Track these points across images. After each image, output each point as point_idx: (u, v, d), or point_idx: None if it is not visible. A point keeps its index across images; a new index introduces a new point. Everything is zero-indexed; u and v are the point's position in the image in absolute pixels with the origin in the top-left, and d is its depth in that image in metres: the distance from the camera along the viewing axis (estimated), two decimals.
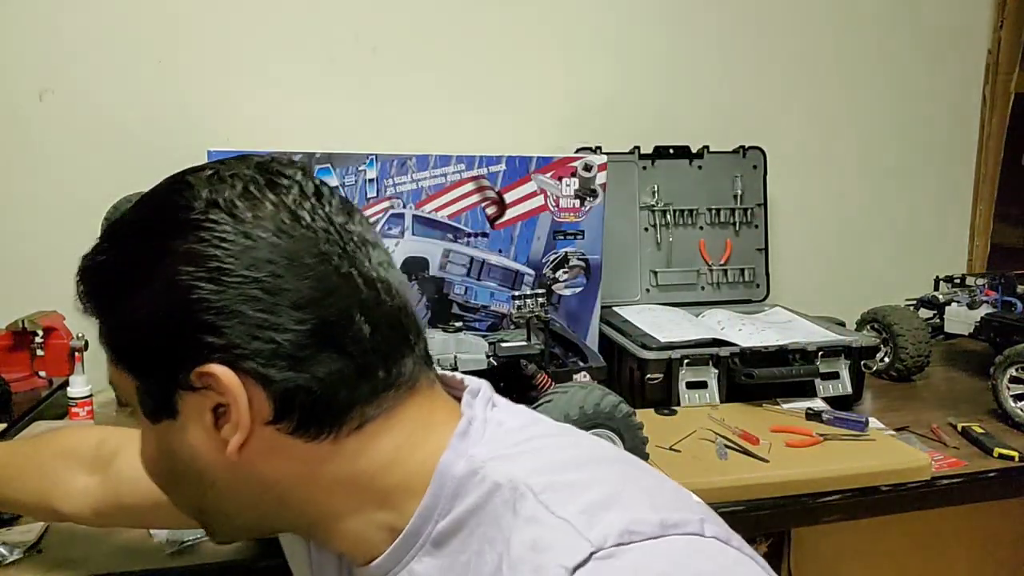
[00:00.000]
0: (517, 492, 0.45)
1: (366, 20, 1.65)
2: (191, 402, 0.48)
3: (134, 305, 0.48)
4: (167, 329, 0.47)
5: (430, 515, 0.49)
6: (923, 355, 1.55)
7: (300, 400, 0.47)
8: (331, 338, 0.47)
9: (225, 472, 0.49)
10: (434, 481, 0.49)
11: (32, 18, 1.50)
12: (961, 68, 2.07)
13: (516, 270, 1.54)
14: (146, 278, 0.47)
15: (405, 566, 0.50)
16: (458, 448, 0.49)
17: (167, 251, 0.47)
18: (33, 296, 1.48)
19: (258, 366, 0.46)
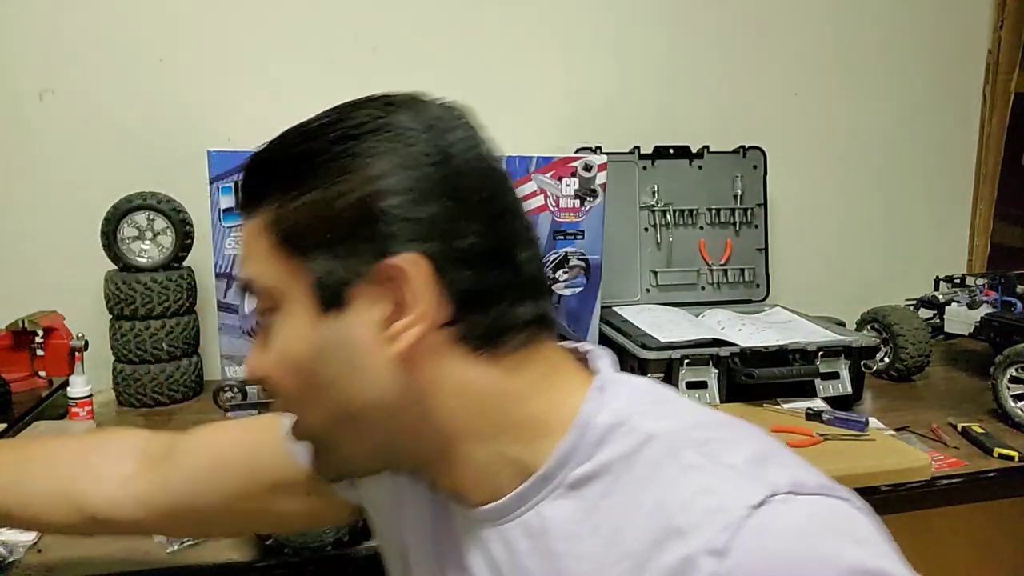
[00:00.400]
0: (675, 444, 0.47)
1: (366, 20, 1.65)
2: (367, 295, 0.48)
3: (333, 191, 0.48)
4: (368, 216, 0.47)
5: (567, 459, 0.49)
6: (923, 355, 1.55)
7: (474, 307, 0.49)
8: (504, 256, 0.50)
9: (382, 376, 0.49)
10: (575, 427, 0.50)
11: (32, 18, 1.50)
12: (961, 68, 2.07)
13: None
14: (349, 167, 0.48)
15: (533, 508, 0.50)
16: (599, 400, 0.51)
17: (367, 145, 0.49)
18: (33, 296, 1.48)
19: (445, 265, 0.47)
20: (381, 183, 0.47)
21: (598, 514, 0.48)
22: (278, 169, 0.51)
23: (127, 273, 1.41)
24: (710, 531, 0.42)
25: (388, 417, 0.50)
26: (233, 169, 1.40)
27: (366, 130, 0.49)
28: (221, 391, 1.15)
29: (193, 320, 1.48)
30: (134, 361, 1.41)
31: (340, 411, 0.50)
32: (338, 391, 0.50)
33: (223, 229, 1.41)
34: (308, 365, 0.49)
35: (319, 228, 0.48)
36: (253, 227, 0.51)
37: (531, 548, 0.50)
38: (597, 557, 0.47)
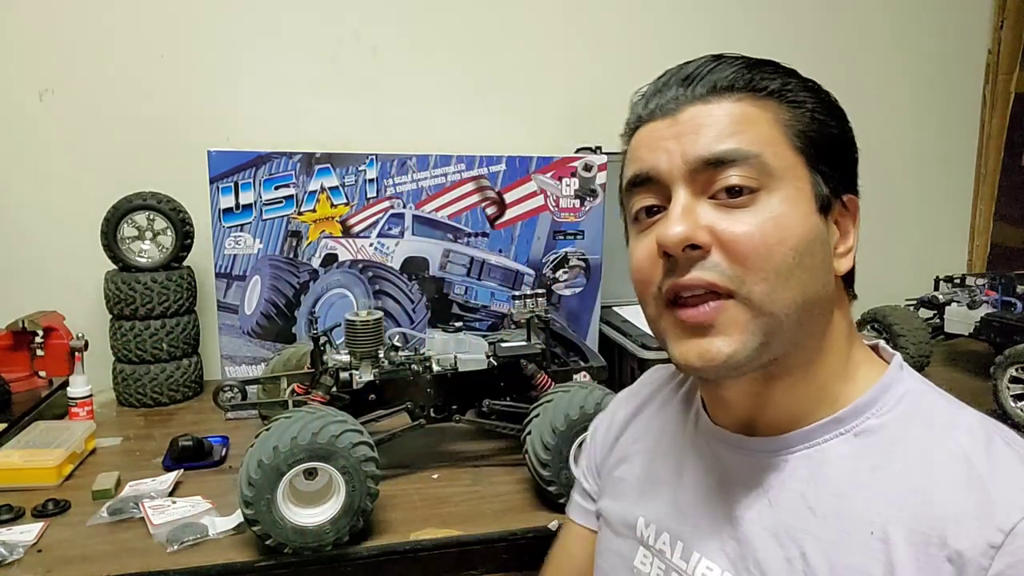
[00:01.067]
0: (972, 422, 0.54)
1: (366, 20, 1.65)
2: (836, 214, 0.57)
3: (833, 121, 0.59)
4: (851, 154, 0.60)
5: (866, 409, 0.56)
6: (923, 355, 1.55)
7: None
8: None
9: (829, 280, 0.57)
10: (879, 385, 0.57)
11: (32, 18, 1.50)
12: (961, 68, 2.07)
13: (516, 270, 1.54)
14: (836, 106, 0.61)
15: (816, 446, 0.56)
16: (899, 373, 0.58)
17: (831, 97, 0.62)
18: (33, 296, 1.49)
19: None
20: (850, 133, 0.60)
21: (887, 457, 0.53)
22: (781, 73, 0.59)
23: (127, 273, 1.41)
24: (1005, 509, 0.47)
25: (818, 317, 0.56)
26: (233, 169, 1.40)
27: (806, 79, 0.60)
28: (221, 391, 1.15)
29: (193, 320, 1.48)
30: (134, 361, 1.41)
31: (809, 296, 0.54)
32: (818, 279, 0.55)
33: (223, 229, 1.41)
34: (807, 245, 0.54)
35: (828, 145, 0.57)
36: (754, 110, 0.56)
37: (806, 477, 0.56)
38: (885, 489, 0.52)
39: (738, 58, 0.58)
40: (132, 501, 1.00)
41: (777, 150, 0.54)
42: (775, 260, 0.52)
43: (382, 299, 1.49)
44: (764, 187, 0.53)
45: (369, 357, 1.12)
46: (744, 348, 0.53)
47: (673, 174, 0.55)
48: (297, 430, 0.87)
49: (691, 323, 0.53)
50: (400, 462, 1.15)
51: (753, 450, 0.59)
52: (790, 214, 0.53)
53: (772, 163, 0.54)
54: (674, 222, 0.53)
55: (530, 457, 1.02)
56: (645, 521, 0.65)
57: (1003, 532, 0.46)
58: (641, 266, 0.57)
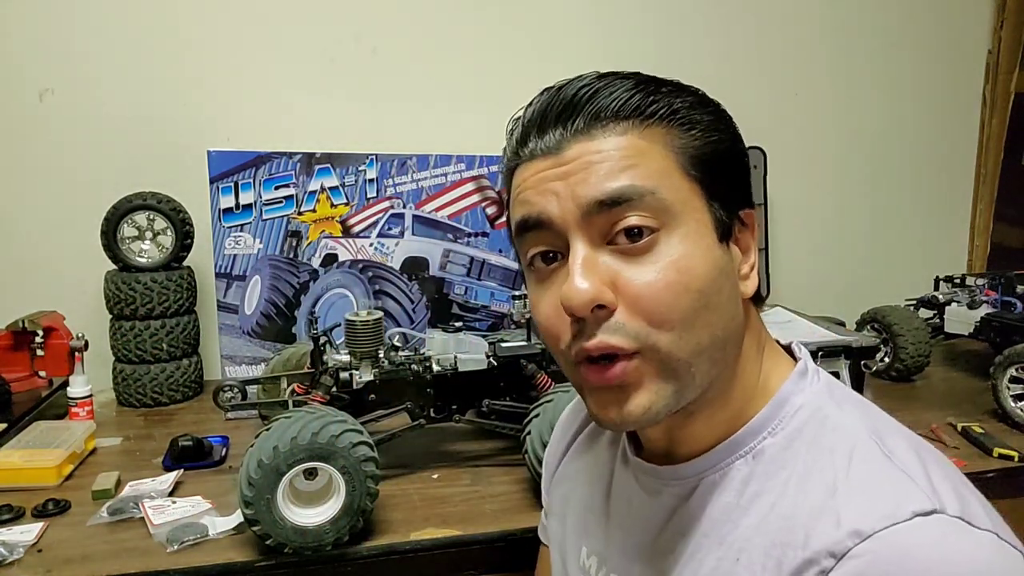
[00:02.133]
0: (860, 438, 0.51)
1: (366, 20, 1.65)
2: (736, 234, 0.55)
3: (727, 137, 0.55)
4: (744, 167, 0.56)
5: (761, 429, 0.54)
6: (923, 355, 1.55)
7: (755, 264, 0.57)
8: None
9: (738, 308, 0.54)
10: (774, 401, 0.54)
11: (32, 18, 1.50)
12: (961, 68, 2.07)
13: (516, 270, 1.53)
14: (728, 122, 0.56)
15: (721, 470, 0.55)
16: (799, 384, 0.55)
17: (725, 111, 0.57)
18: (33, 296, 1.49)
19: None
20: (741, 143, 0.56)
21: (771, 482, 0.52)
22: (677, 96, 0.54)
23: (127, 273, 1.41)
24: (869, 520, 0.44)
25: (732, 349, 0.54)
26: (233, 169, 1.40)
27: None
28: (221, 391, 1.15)
29: (193, 320, 1.48)
30: (134, 361, 1.41)
31: (721, 332, 0.52)
32: (726, 313, 0.52)
33: (223, 229, 1.41)
34: (712, 283, 0.51)
35: (722, 165, 0.53)
36: (642, 141, 0.51)
37: (714, 503, 0.54)
38: (760, 515, 0.51)
39: (621, 78, 0.54)
40: (132, 501, 0.99)
41: (672, 183, 0.51)
42: (680, 308, 0.49)
43: (382, 299, 1.49)
44: (664, 225, 0.50)
45: (369, 357, 1.12)
46: (660, 399, 0.51)
47: (567, 220, 0.51)
48: (297, 430, 0.87)
49: (601, 386, 0.52)
50: (400, 462, 1.15)
51: (667, 479, 0.58)
52: (692, 254, 0.50)
53: (669, 198, 0.50)
54: (577, 279, 0.49)
55: (530, 457, 1.02)
56: (587, 552, 0.66)
57: (854, 536, 0.44)
58: (549, 323, 0.53)
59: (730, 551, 0.51)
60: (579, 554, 0.67)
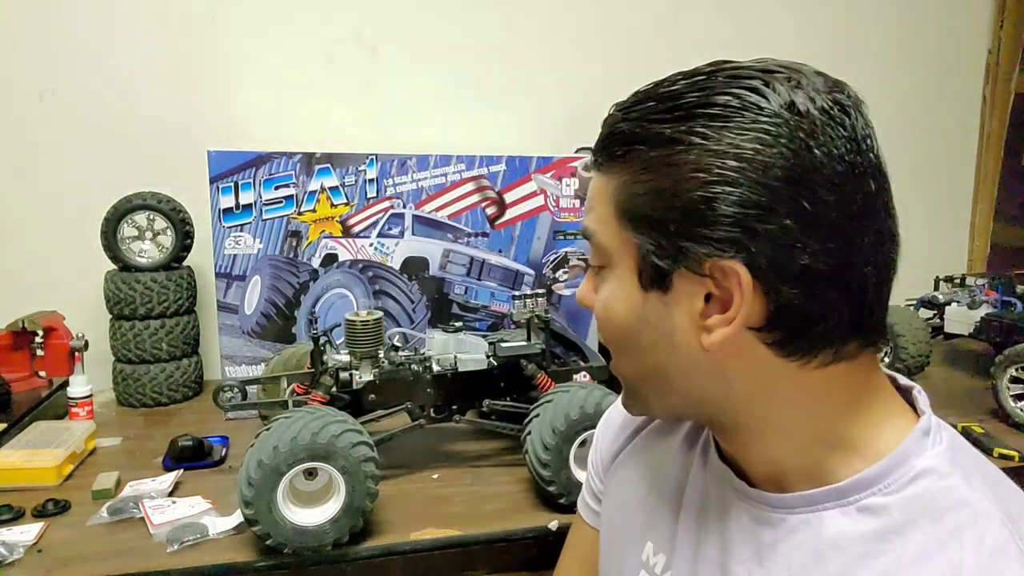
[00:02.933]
0: (992, 524, 0.46)
1: (366, 20, 1.65)
2: (688, 284, 0.49)
3: (682, 181, 0.48)
4: (706, 215, 0.47)
5: (871, 484, 0.49)
6: (923, 355, 1.55)
7: (791, 319, 0.48)
8: (844, 277, 0.48)
9: (690, 354, 0.51)
10: (892, 458, 0.49)
11: (32, 18, 1.50)
12: (961, 68, 2.07)
13: (516, 270, 1.54)
14: (701, 162, 0.47)
15: (817, 512, 0.51)
16: (921, 443, 0.50)
17: (727, 141, 0.46)
18: (33, 296, 1.49)
19: (774, 279, 0.47)
20: (728, 188, 0.46)
21: (881, 547, 0.47)
22: (636, 148, 0.50)
23: (127, 273, 1.41)
24: None
25: (692, 388, 0.53)
26: (233, 169, 1.40)
27: (727, 117, 0.47)
28: (221, 391, 1.15)
29: (193, 320, 1.48)
30: (134, 361, 1.41)
31: (649, 371, 0.54)
32: (652, 356, 0.53)
33: (223, 229, 1.41)
34: (630, 328, 0.53)
35: (658, 214, 0.49)
36: (601, 185, 0.53)
37: (798, 543, 0.51)
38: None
39: (616, 119, 0.53)
40: (132, 501, 1.00)
41: (608, 228, 0.52)
42: (608, 340, 0.56)
43: (382, 299, 1.49)
44: (607, 265, 0.54)
45: (369, 357, 1.12)
46: (635, 405, 0.58)
47: None
48: (297, 430, 0.87)
49: None
50: (400, 462, 1.15)
51: (753, 500, 0.55)
52: (616, 297, 0.53)
53: (604, 243, 0.53)
54: (580, 286, 0.60)
55: (530, 457, 1.02)
56: (653, 549, 0.63)
57: None
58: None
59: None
60: (643, 548, 0.64)
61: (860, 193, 0.48)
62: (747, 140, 0.46)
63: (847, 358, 0.50)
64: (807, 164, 0.46)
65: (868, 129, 0.50)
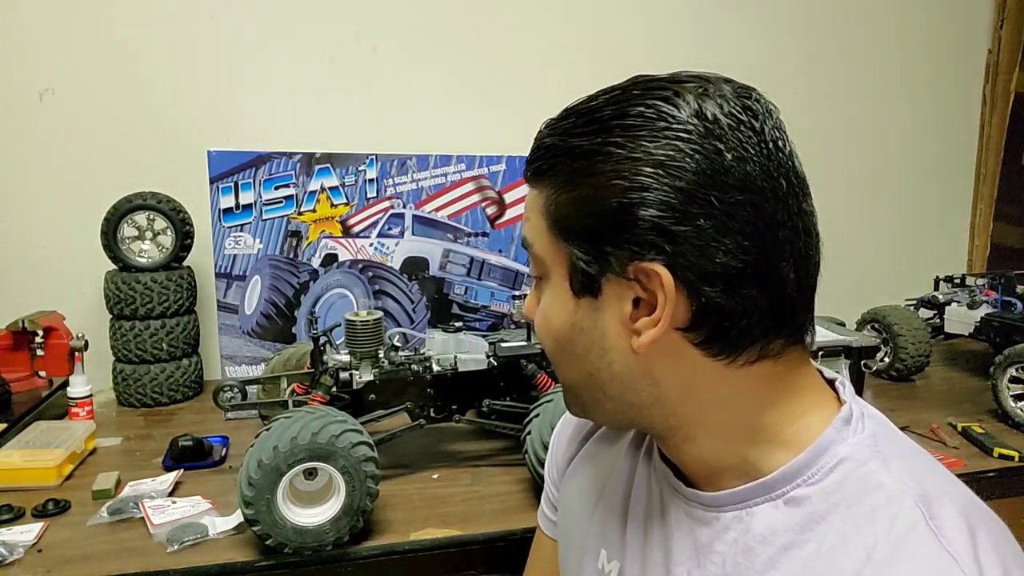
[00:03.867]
0: (905, 505, 0.47)
1: (366, 20, 1.65)
2: (616, 289, 0.52)
3: (602, 189, 0.50)
4: (626, 221, 0.50)
5: (795, 476, 0.51)
6: (923, 355, 1.55)
7: (713, 318, 0.50)
8: (762, 274, 0.50)
9: (622, 358, 0.53)
10: (813, 449, 0.51)
11: (32, 18, 1.50)
12: (961, 68, 2.07)
13: (516, 270, 1.54)
14: (618, 171, 0.50)
15: (747, 508, 0.53)
16: (842, 432, 0.52)
17: (642, 150, 0.49)
18: (33, 296, 1.49)
19: (694, 279, 0.49)
20: (645, 194, 0.49)
21: (803, 536, 0.50)
22: (559, 160, 0.53)
23: (127, 273, 1.41)
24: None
25: (625, 392, 0.55)
26: (233, 169, 1.40)
27: (641, 127, 0.50)
28: (221, 391, 1.15)
29: (193, 320, 1.48)
30: (134, 361, 1.41)
31: (586, 377, 0.56)
32: (586, 362, 0.55)
33: (223, 229, 1.41)
34: (565, 335, 0.55)
35: (582, 222, 0.52)
36: (534, 199, 0.56)
37: (732, 540, 0.53)
38: (789, 572, 0.49)
39: (545, 134, 0.56)
40: (132, 501, 1.00)
41: (542, 239, 0.55)
42: (548, 349, 0.58)
43: (382, 299, 1.49)
44: (544, 275, 0.56)
45: (369, 357, 1.12)
46: (578, 409, 0.60)
47: None
48: (297, 430, 0.87)
49: None
50: (400, 462, 1.15)
51: (688, 499, 0.57)
52: (552, 306, 0.55)
53: (540, 254, 0.55)
54: (527, 299, 0.61)
55: (530, 457, 1.02)
56: (607, 556, 0.65)
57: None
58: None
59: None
60: (598, 556, 0.66)
61: (772, 193, 0.50)
62: (660, 148, 0.48)
63: (772, 356, 0.52)
64: (718, 167, 0.48)
65: (778, 132, 0.52)
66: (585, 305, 0.53)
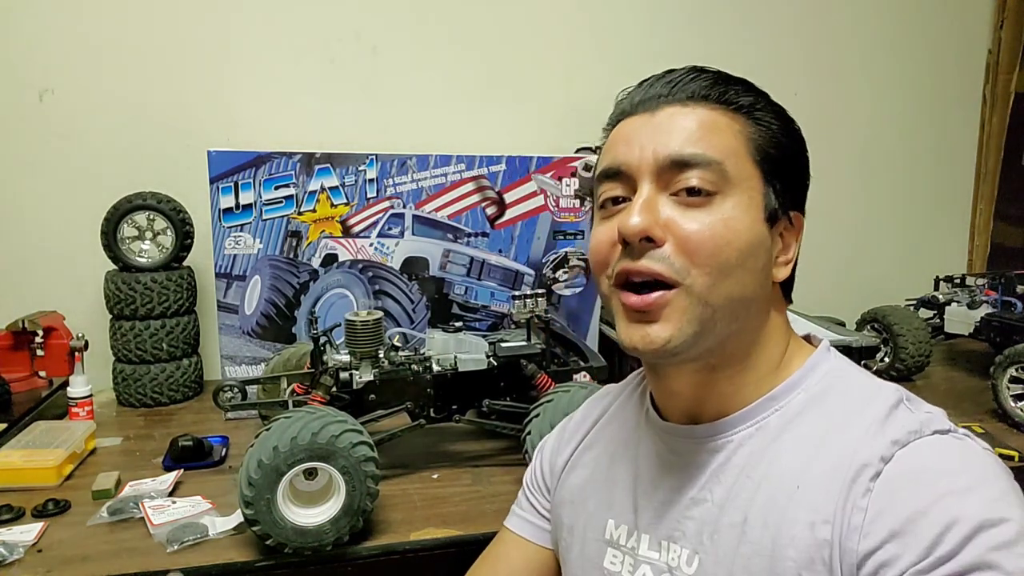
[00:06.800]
0: (889, 388, 0.60)
1: (366, 20, 1.65)
2: (779, 226, 0.62)
3: (796, 142, 0.64)
4: (804, 174, 0.66)
5: (795, 386, 0.62)
6: (923, 355, 1.55)
7: (794, 266, 0.66)
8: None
9: (767, 285, 0.62)
10: (805, 366, 0.63)
11: (32, 18, 1.50)
12: (961, 68, 2.07)
13: (516, 270, 1.54)
14: (796, 130, 0.65)
15: (758, 423, 0.62)
16: (824, 356, 0.65)
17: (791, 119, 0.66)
18: (33, 296, 1.49)
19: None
20: (806, 155, 0.65)
21: (806, 425, 0.59)
22: (759, 98, 0.63)
23: (127, 273, 1.41)
24: (903, 435, 0.54)
25: (754, 317, 0.62)
26: (233, 169, 1.40)
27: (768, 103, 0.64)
28: (221, 391, 1.14)
29: (193, 320, 1.48)
30: (134, 361, 1.41)
31: (747, 294, 0.59)
32: (754, 279, 0.60)
33: (223, 229, 1.41)
34: (750, 249, 0.59)
35: (783, 163, 0.62)
36: (724, 120, 0.61)
37: (748, 451, 0.61)
38: (811, 448, 0.57)
39: (718, 73, 0.64)
40: (132, 501, 1.00)
41: (738, 160, 0.59)
42: (720, 257, 0.57)
43: (382, 299, 1.49)
44: (720, 191, 0.58)
45: (369, 357, 1.12)
46: (680, 334, 0.58)
47: (642, 169, 0.59)
48: (297, 430, 0.87)
49: (635, 308, 0.59)
50: (400, 462, 1.15)
51: (700, 436, 0.64)
52: (740, 219, 0.58)
53: (731, 171, 0.59)
54: (635, 214, 0.58)
55: (530, 457, 1.02)
56: (615, 523, 0.69)
57: (895, 445, 0.54)
58: (600, 248, 0.62)
59: (783, 482, 0.57)
60: (605, 528, 0.69)
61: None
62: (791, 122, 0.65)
63: (786, 305, 0.67)
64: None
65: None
66: (767, 230, 0.60)
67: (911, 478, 0.52)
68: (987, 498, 0.50)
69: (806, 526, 0.54)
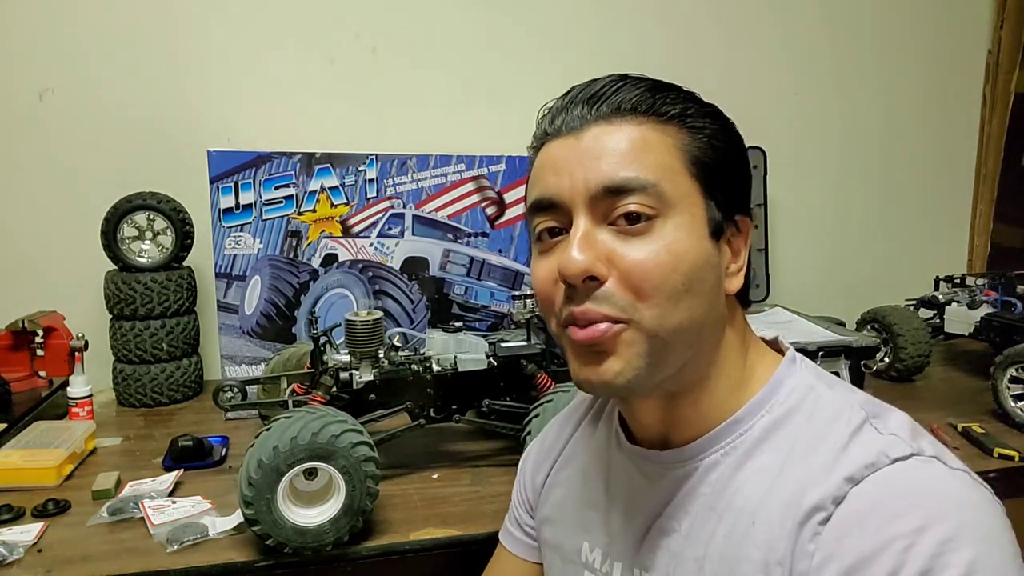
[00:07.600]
0: (852, 412, 0.56)
1: (366, 20, 1.65)
2: (729, 235, 0.60)
3: (732, 145, 0.60)
4: (746, 174, 0.62)
5: (760, 407, 0.59)
6: (923, 355, 1.55)
7: (747, 269, 0.62)
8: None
9: (720, 301, 0.59)
10: (771, 383, 0.60)
11: (32, 18, 1.50)
12: (961, 68, 2.07)
13: (516, 270, 1.54)
14: (732, 129, 0.61)
15: (725, 448, 0.59)
16: (790, 369, 0.62)
17: (727, 118, 0.62)
18: (33, 296, 1.49)
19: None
20: (745, 157, 0.61)
21: (770, 452, 0.57)
22: (688, 105, 0.59)
23: (127, 273, 1.41)
24: (858, 469, 0.51)
25: (709, 336, 0.59)
26: (233, 169, 1.40)
27: (699, 104, 0.60)
28: (221, 391, 1.14)
29: (193, 320, 1.48)
30: (134, 361, 1.41)
31: (691, 322, 0.56)
32: (706, 301, 0.57)
33: (223, 229, 1.41)
34: (697, 272, 0.56)
35: (721, 171, 0.58)
36: (654, 136, 0.57)
37: (714, 479, 0.59)
38: (769, 480, 0.55)
39: (643, 80, 0.60)
40: (132, 501, 0.99)
41: (674, 178, 0.56)
42: (667, 287, 0.55)
43: (382, 299, 1.49)
44: (660, 214, 0.55)
45: (369, 357, 1.12)
46: (630, 368, 0.55)
47: (575, 200, 0.56)
48: (297, 430, 0.87)
49: (581, 343, 0.56)
50: (400, 462, 1.15)
51: (668, 462, 0.62)
52: (683, 240, 0.55)
53: (668, 191, 0.55)
54: (575, 251, 0.55)
55: None
56: (589, 546, 0.68)
57: (848, 483, 0.51)
58: (543, 287, 0.59)
59: (742, 516, 0.55)
60: (580, 551, 0.68)
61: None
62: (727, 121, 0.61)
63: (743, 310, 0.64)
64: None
65: None
66: (712, 246, 0.57)
67: (859, 521, 0.49)
68: (938, 539, 0.47)
69: (760, 566, 0.53)
